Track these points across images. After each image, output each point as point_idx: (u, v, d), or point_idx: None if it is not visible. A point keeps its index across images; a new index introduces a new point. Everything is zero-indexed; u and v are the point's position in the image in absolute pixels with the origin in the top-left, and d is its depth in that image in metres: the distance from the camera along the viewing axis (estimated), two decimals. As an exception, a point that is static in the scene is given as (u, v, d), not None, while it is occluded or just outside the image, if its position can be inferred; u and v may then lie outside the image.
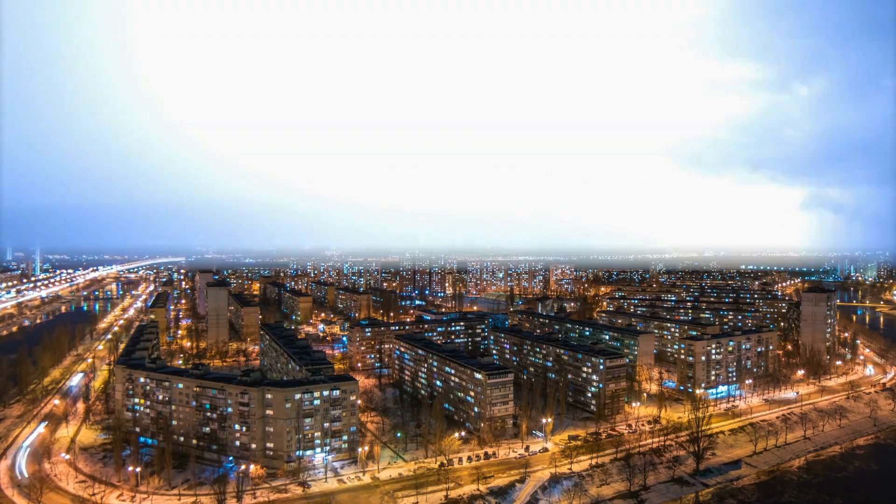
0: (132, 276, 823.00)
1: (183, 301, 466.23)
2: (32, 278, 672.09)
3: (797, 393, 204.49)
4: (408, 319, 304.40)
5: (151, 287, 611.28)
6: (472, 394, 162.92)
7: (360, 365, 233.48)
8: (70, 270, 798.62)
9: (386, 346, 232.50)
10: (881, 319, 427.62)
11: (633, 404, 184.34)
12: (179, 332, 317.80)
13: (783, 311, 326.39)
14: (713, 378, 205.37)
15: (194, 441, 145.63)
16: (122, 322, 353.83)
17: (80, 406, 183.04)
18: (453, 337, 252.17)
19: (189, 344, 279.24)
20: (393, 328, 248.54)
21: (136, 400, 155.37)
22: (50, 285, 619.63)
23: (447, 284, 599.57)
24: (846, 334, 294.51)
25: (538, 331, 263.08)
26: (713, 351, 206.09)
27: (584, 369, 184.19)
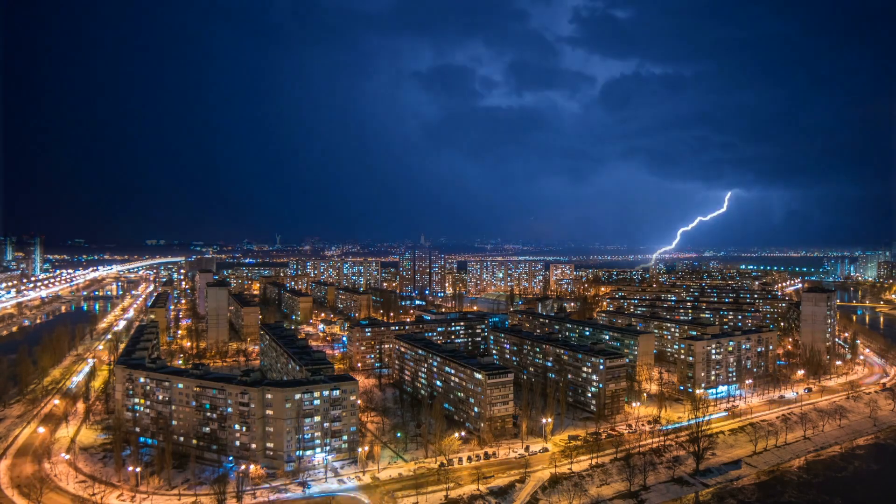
0: (132, 276, 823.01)
1: (183, 301, 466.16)
2: (32, 278, 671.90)
3: (797, 393, 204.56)
4: (408, 319, 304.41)
5: (151, 287, 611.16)
6: (472, 394, 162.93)
7: (360, 365, 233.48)
8: (70, 270, 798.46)
9: (386, 346, 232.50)
10: (881, 319, 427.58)
11: (633, 404, 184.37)
12: (179, 332, 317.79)
13: (783, 311, 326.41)
14: (713, 378, 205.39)
15: (194, 441, 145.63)
16: (122, 322, 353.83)
17: (80, 406, 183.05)
18: (453, 337, 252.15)
19: (189, 344, 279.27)
20: (393, 328, 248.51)
21: (136, 400, 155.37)
22: (50, 285, 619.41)
23: (447, 284, 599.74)
24: (846, 334, 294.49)
25: (538, 331, 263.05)
26: (713, 351, 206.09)
27: (584, 369, 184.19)
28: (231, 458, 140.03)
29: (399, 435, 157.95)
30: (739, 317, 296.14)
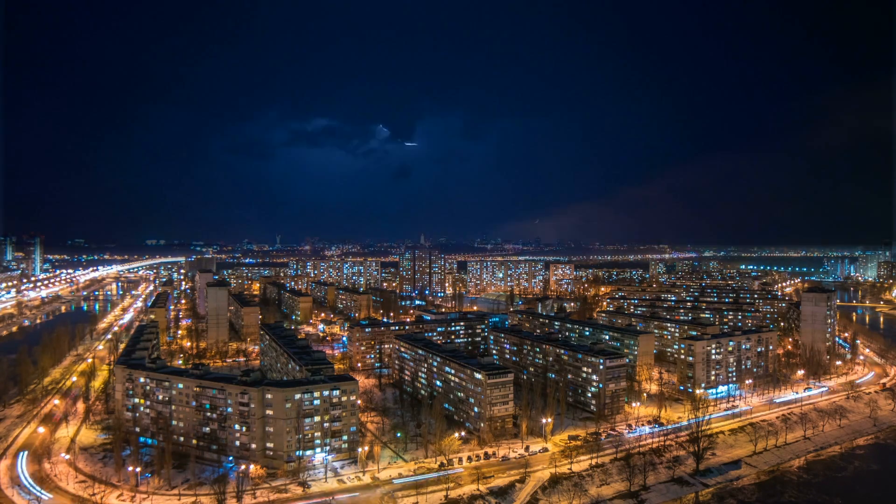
0: (132, 276, 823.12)
1: (183, 301, 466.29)
2: (32, 278, 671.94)
3: (797, 393, 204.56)
4: (408, 319, 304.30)
5: (151, 287, 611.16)
6: (472, 394, 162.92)
7: (360, 365, 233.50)
8: (70, 270, 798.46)
9: (386, 346, 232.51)
10: (881, 319, 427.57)
11: (633, 404, 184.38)
12: (179, 332, 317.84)
13: (783, 311, 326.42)
14: (713, 378, 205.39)
15: (194, 441, 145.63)
16: (122, 322, 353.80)
17: (80, 406, 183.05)
18: (453, 337, 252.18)
19: (189, 344, 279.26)
20: (393, 328, 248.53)
21: (136, 400, 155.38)
22: (50, 285, 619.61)
23: (447, 284, 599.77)
24: (846, 334, 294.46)
25: (538, 331, 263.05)
26: (713, 351, 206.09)
27: (584, 369, 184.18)
28: (231, 458, 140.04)
29: (399, 435, 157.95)
30: (739, 317, 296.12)
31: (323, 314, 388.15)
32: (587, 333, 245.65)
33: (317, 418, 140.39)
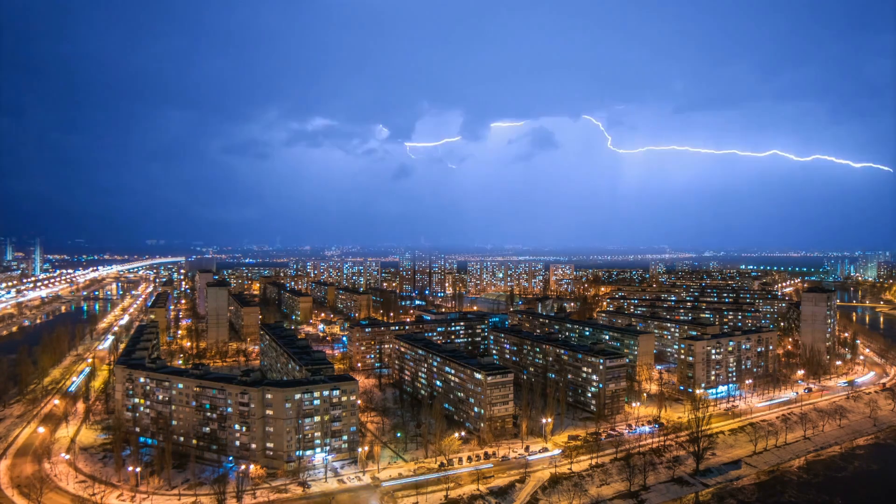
0: (132, 276, 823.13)
1: (183, 301, 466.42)
2: (32, 278, 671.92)
3: (797, 393, 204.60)
4: (408, 319, 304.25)
5: (151, 287, 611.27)
6: (472, 394, 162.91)
7: (360, 365, 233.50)
8: (70, 270, 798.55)
9: (386, 346, 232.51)
10: (881, 319, 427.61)
11: (633, 404, 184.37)
12: (179, 332, 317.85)
13: (783, 311, 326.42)
14: (713, 378, 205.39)
15: (194, 441, 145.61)
16: (122, 322, 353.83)
17: (80, 406, 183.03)
18: (453, 337, 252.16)
19: (189, 344, 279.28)
20: (393, 328, 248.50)
21: (136, 400, 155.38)
22: (50, 285, 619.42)
23: (447, 284, 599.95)
24: (846, 334, 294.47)
25: (538, 331, 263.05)
26: (713, 351, 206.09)
27: (584, 369, 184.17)
28: (231, 458, 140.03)
29: (399, 435, 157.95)
30: (739, 317, 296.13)
31: (323, 314, 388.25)
32: (587, 333, 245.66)
33: (317, 418, 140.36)
